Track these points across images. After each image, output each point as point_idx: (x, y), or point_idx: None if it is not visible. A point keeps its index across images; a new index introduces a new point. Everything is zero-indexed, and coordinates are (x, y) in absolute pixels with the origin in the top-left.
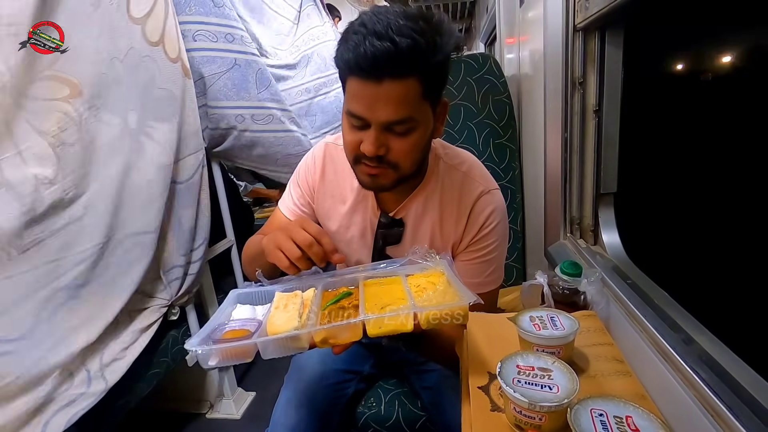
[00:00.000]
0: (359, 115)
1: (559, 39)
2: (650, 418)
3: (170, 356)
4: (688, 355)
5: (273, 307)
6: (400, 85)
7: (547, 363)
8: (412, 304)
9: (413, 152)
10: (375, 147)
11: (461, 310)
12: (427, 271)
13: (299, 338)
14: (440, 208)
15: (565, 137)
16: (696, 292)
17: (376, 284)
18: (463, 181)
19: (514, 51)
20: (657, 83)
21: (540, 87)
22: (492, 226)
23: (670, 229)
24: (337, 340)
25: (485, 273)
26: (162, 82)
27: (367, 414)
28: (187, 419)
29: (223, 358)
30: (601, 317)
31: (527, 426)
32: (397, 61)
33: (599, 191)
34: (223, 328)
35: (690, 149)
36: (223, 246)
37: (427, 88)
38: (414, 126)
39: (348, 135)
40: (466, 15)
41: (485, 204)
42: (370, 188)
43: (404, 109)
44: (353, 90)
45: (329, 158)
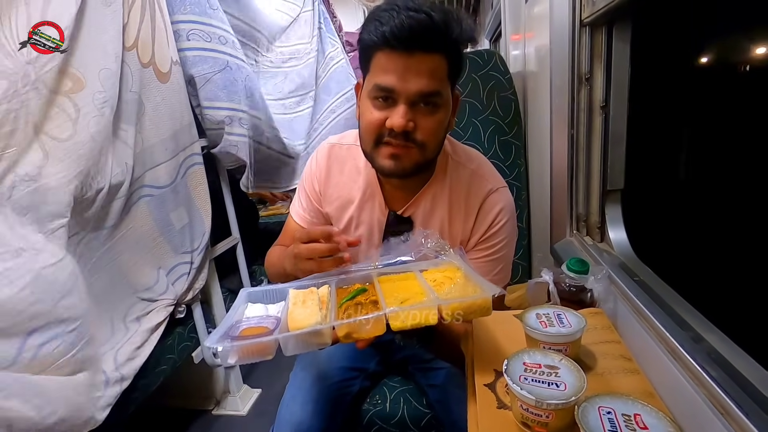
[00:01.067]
0: (390, 86)
1: (565, 34)
2: (659, 415)
3: (176, 353)
4: (697, 352)
5: (291, 303)
6: (430, 58)
7: (554, 360)
8: (435, 297)
9: (438, 131)
10: (405, 119)
11: (485, 303)
12: (442, 266)
13: (322, 333)
14: (449, 206)
15: (572, 134)
16: (704, 289)
17: (391, 280)
18: (471, 179)
19: (519, 47)
20: (665, 79)
21: (546, 83)
22: (501, 225)
23: (678, 226)
24: (360, 335)
25: (493, 271)
26: (135, 86)
27: (372, 411)
28: (194, 416)
29: (243, 355)
30: (608, 315)
31: (534, 423)
32: (431, 32)
33: (606, 188)
34: (239, 326)
35: (698, 145)
36: (228, 244)
37: (451, 68)
38: (440, 103)
39: (371, 114)
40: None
41: (494, 202)
42: (391, 172)
43: (434, 81)
44: (383, 63)
45: (334, 158)
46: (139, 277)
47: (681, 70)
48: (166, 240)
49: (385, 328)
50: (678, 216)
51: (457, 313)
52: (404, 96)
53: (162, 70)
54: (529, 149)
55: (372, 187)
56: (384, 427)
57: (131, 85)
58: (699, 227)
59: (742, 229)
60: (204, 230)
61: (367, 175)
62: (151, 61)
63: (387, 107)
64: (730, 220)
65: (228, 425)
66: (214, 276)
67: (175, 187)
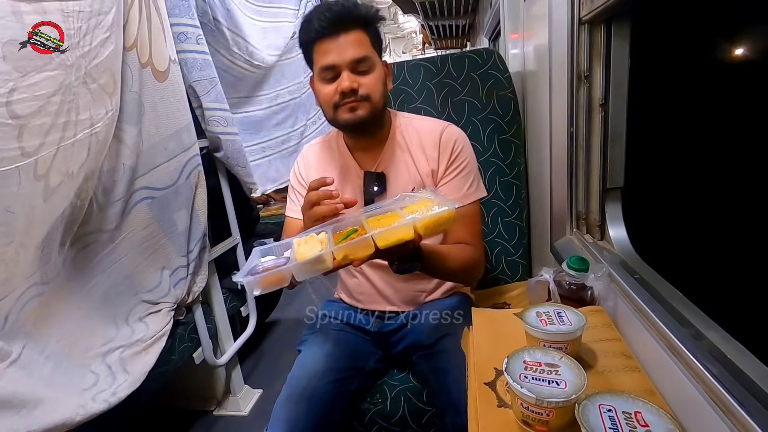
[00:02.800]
0: (331, 63)
1: (564, 32)
2: (659, 413)
3: (177, 354)
4: (698, 350)
5: (296, 245)
6: (354, 34)
7: (555, 358)
8: (410, 218)
9: (377, 85)
10: (350, 81)
11: (449, 215)
12: (417, 201)
13: (323, 259)
14: (410, 153)
15: (571, 132)
16: (705, 286)
17: (377, 219)
18: (420, 129)
19: (518, 46)
20: (664, 76)
21: (545, 81)
22: (461, 148)
23: (678, 224)
24: (356, 255)
25: (466, 186)
26: (135, 86)
27: (372, 410)
28: (195, 416)
29: (265, 285)
30: (609, 312)
31: (534, 422)
32: (349, 16)
33: (606, 186)
34: (258, 268)
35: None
36: (228, 245)
37: (372, 40)
38: (372, 64)
39: (325, 89)
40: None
41: (449, 135)
42: (353, 121)
43: (361, 49)
44: (322, 50)
45: (311, 154)
46: (142, 279)
47: (681, 67)
48: (170, 241)
49: (373, 247)
50: (678, 213)
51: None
52: (344, 65)
53: (159, 69)
54: (528, 148)
55: (345, 159)
56: (385, 426)
57: (131, 85)
58: (699, 225)
59: (742, 226)
60: (202, 232)
61: (340, 153)
62: (149, 60)
63: (334, 80)
64: (731, 218)
65: (229, 426)
66: (215, 276)
67: (176, 189)
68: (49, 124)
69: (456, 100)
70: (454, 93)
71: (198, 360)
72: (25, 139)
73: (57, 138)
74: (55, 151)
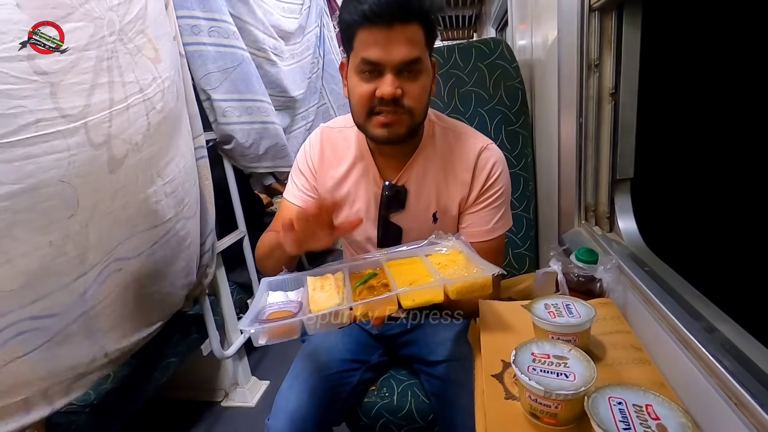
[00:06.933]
0: (375, 59)
1: (573, 20)
2: (671, 406)
3: (185, 346)
4: (710, 343)
5: (310, 288)
6: (409, 29)
7: (563, 351)
8: (441, 278)
9: (423, 96)
10: (393, 87)
11: (485, 282)
12: (446, 251)
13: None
14: (442, 168)
15: (580, 122)
16: (716, 279)
17: (398, 264)
18: (459, 141)
19: (526, 36)
20: (677, 65)
21: (554, 71)
22: (497, 175)
23: (689, 216)
24: (377, 312)
25: (494, 219)
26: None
27: (379, 404)
28: (203, 407)
29: (272, 336)
30: (618, 305)
31: (543, 414)
32: (407, 4)
33: (615, 177)
34: (265, 311)
35: (710, 133)
36: (234, 237)
37: (427, 36)
38: (422, 69)
39: (361, 87)
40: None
41: (487, 157)
42: (386, 139)
43: (415, 49)
44: (366, 39)
45: (326, 140)
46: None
47: (694, 55)
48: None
49: (396, 306)
50: (689, 205)
51: (461, 291)
52: (390, 66)
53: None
54: (536, 139)
55: (365, 161)
56: (391, 420)
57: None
58: (710, 217)
59: (753, 218)
60: (210, 224)
61: (360, 152)
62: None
63: (374, 79)
64: (741, 209)
65: (237, 417)
66: (222, 269)
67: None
68: (90, 83)
69: (463, 91)
70: (461, 84)
71: (205, 352)
72: (60, 99)
73: (105, 100)
74: (109, 116)
